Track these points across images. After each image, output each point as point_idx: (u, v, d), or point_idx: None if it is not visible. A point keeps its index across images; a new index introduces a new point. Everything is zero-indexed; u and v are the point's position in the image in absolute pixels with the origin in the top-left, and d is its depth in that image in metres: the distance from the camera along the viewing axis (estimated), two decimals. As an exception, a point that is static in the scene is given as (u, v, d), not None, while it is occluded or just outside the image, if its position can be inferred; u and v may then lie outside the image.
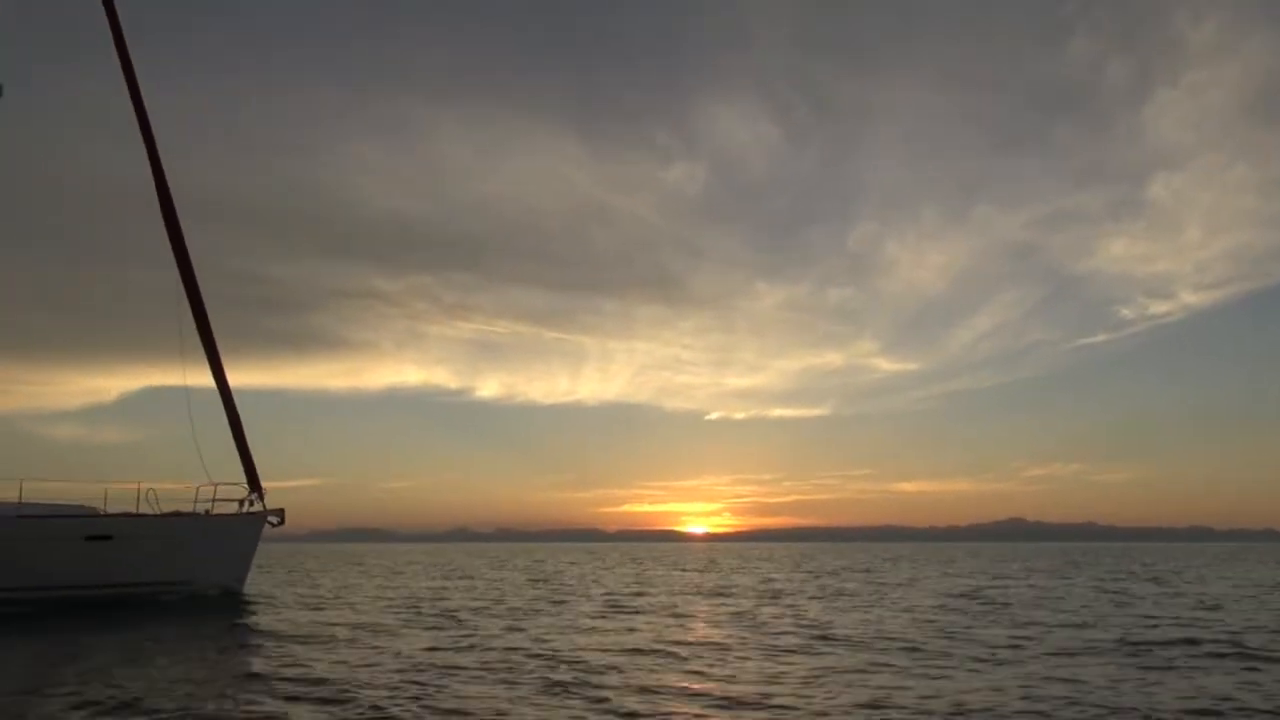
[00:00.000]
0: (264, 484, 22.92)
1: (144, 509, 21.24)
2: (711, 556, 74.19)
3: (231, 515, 22.49)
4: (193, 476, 22.46)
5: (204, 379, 23.01)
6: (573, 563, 54.72)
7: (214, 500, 22.17)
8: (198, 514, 21.98)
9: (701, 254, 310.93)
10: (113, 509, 21.09)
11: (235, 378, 23.18)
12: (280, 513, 22.95)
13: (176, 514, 21.60)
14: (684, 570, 42.70)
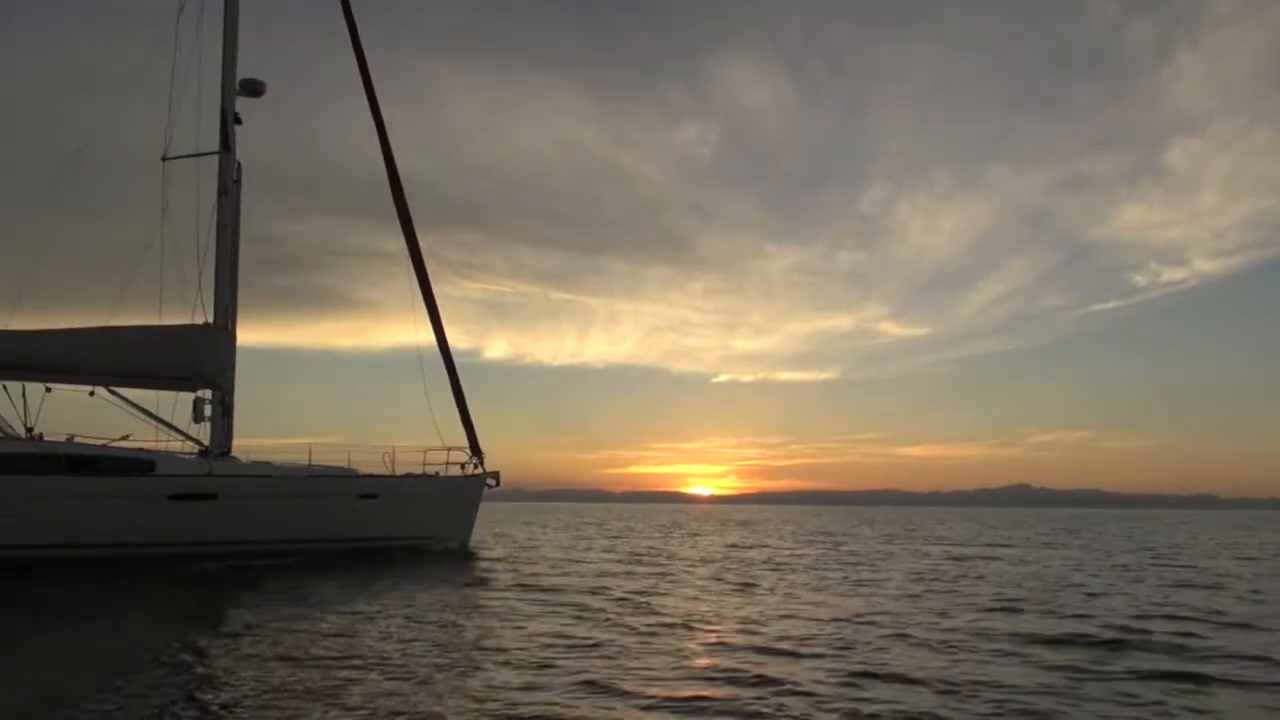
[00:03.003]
0: (281, 440, 22.88)
1: (380, 471, 23.03)
2: (723, 519, 72.12)
3: (463, 477, 24.15)
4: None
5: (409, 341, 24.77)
6: (630, 527, 52.18)
7: (447, 463, 23.86)
8: (440, 476, 23.75)
9: (711, 216, 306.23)
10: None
11: (244, 336, 23.26)
12: (497, 475, 24.59)
13: (425, 475, 23.47)
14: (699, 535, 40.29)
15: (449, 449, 23.90)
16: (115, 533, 18.39)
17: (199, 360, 21.02)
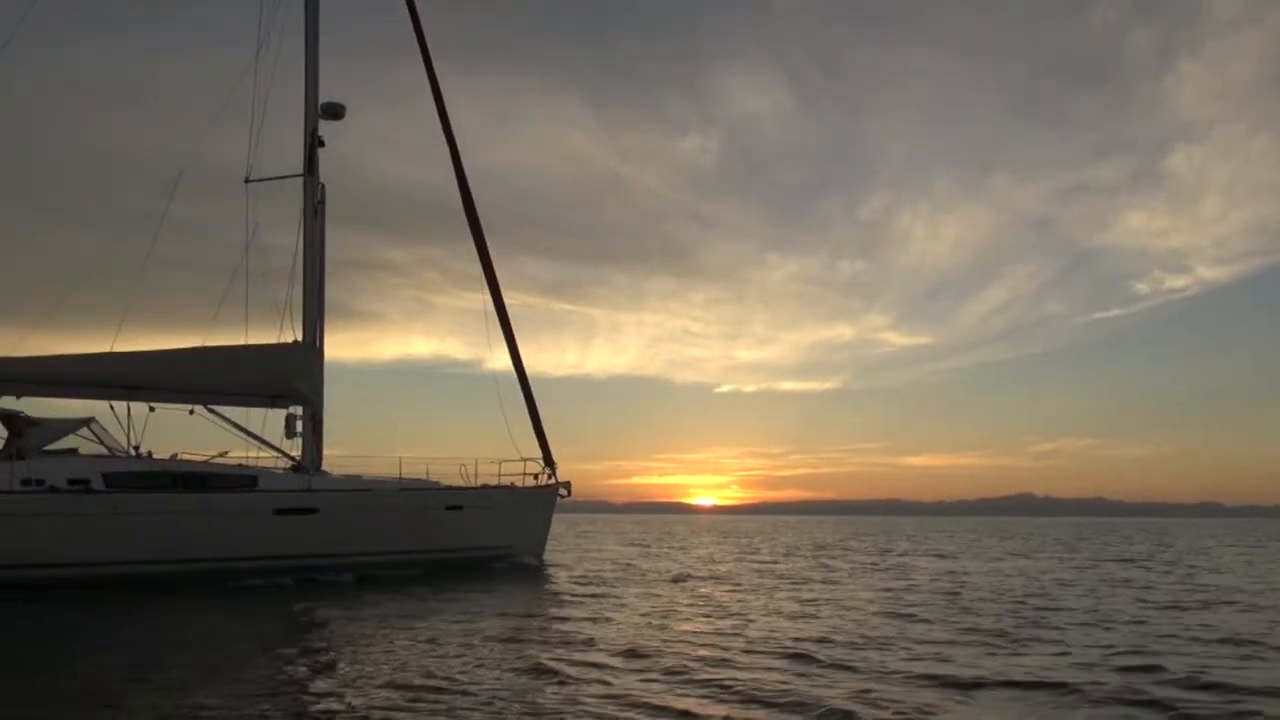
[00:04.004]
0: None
1: (458, 482, 23.45)
2: (725, 531, 72.59)
3: (538, 488, 24.58)
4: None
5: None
6: (664, 538, 52.67)
7: (523, 475, 24.24)
8: (516, 487, 24.16)
9: (712, 226, 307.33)
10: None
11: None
12: (568, 485, 25.06)
13: (503, 487, 23.95)
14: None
15: (525, 460, 24.39)
16: (225, 547, 18.95)
17: (292, 378, 21.63)
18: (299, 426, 21.99)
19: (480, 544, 23.09)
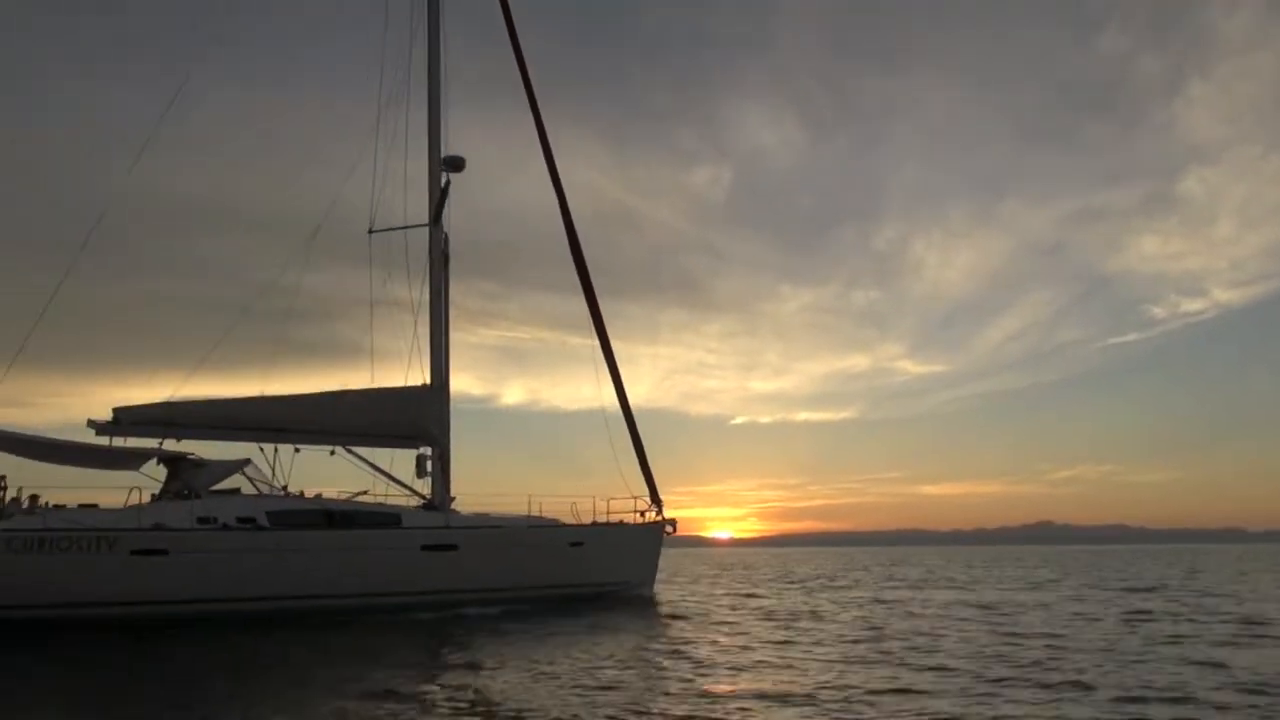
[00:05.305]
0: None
1: (568, 518, 24.23)
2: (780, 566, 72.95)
3: (649, 524, 25.42)
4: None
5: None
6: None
7: (634, 512, 25.14)
8: (627, 524, 25.03)
9: (726, 258, 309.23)
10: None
11: (267, 387, 23.05)
12: (674, 522, 25.84)
13: (615, 524, 24.84)
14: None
15: (635, 498, 25.32)
16: (376, 582, 19.84)
17: (423, 419, 22.61)
18: (428, 466, 22.91)
19: (600, 579, 23.94)
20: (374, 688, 10.37)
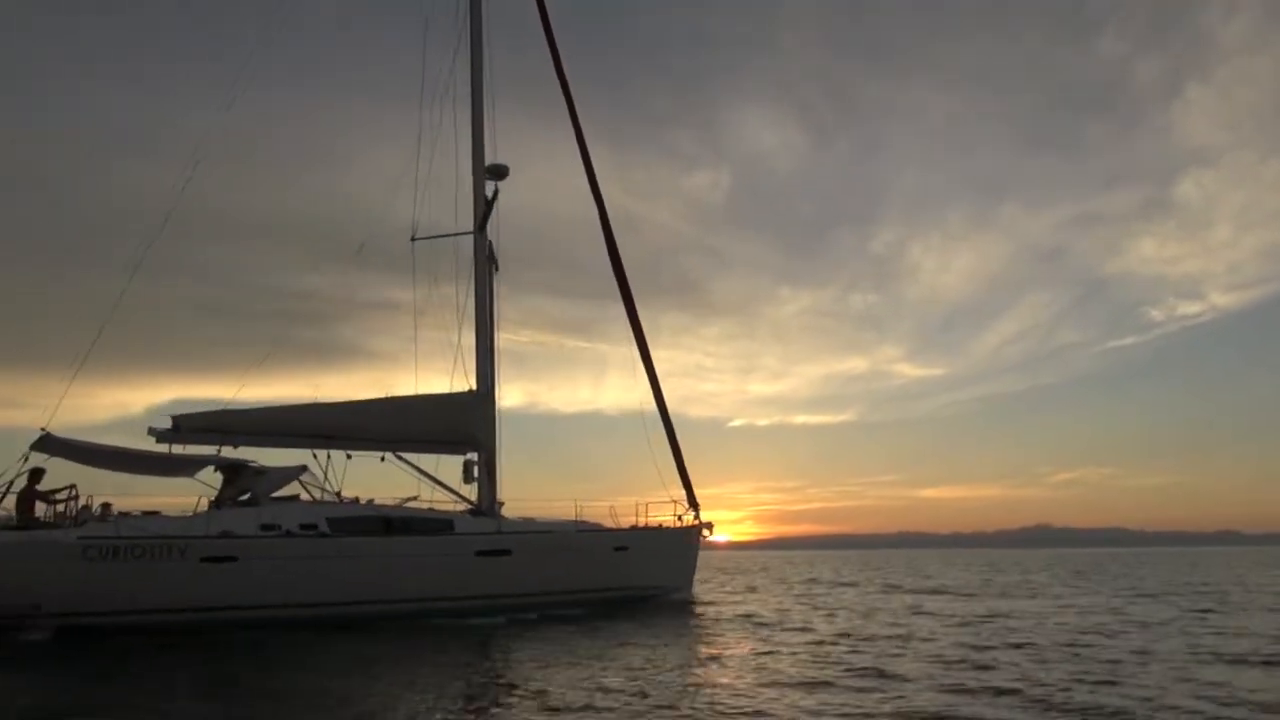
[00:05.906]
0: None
1: (607, 522, 24.52)
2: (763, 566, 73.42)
3: (687, 527, 25.78)
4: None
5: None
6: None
7: (680, 516, 25.46)
8: (667, 527, 25.38)
9: (725, 260, 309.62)
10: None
11: (269, 390, 23.45)
12: (710, 525, 26.33)
13: (654, 527, 25.08)
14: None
15: (674, 501, 25.62)
16: (432, 587, 20.07)
17: (471, 425, 22.89)
18: (475, 471, 23.18)
19: (643, 582, 24.28)
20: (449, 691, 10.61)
